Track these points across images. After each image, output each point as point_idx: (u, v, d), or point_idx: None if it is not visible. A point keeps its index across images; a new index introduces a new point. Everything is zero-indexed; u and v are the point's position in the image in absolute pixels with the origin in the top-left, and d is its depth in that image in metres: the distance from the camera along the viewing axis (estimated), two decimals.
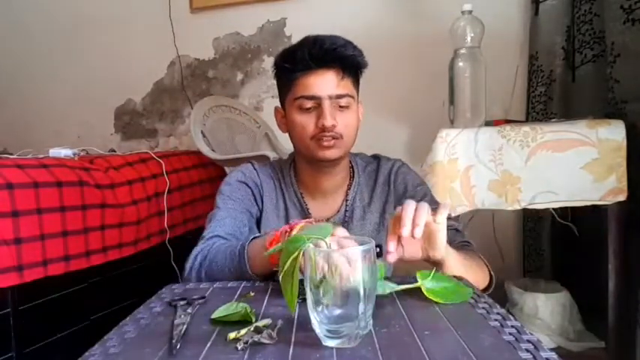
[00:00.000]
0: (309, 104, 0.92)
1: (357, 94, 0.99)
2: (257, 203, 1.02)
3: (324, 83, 0.91)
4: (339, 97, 0.92)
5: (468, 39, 1.38)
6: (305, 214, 1.01)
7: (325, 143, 0.91)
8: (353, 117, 0.95)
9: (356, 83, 0.97)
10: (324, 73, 0.91)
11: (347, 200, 1.02)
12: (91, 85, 2.30)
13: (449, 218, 0.95)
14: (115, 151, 1.87)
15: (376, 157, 1.07)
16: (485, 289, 0.87)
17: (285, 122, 0.99)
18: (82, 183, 1.29)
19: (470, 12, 1.38)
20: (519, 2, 1.79)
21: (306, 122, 0.93)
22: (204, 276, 0.88)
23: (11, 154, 1.50)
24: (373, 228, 1.01)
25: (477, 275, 0.85)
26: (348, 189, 1.03)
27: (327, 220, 1.01)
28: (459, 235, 0.94)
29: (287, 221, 1.02)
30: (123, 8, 2.23)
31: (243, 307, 0.64)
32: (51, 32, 2.33)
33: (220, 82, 2.17)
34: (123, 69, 2.26)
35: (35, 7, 2.35)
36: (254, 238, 0.85)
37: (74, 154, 1.47)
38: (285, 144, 1.77)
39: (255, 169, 1.04)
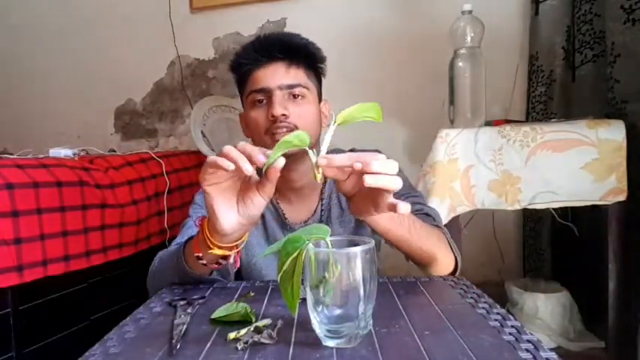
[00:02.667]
0: (260, 97, 0.90)
1: (319, 90, 0.98)
2: None
3: (272, 74, 0.90)
4: (290, 87, 0.90)
5: (468, 39, 1.38)
6: (281, 219, 0.99)
7: (278, 136, 0.88)
8: (309, 109, 0.92)
9: (312, 76, 0.95)
10: (272, 64, 0.90)
11: (322, 200, 0.99)
12: (91, 85, 2.30)
13: (418, 203, 0.93)
14: (115, 151, 1.87)
15: (352, 151, 1.02)
16: (451, 273, 0.86)
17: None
18: (82, 183, 1.29)
19: (470, 12, 1.38)
20: (519, 2, 1.79)
21: (259, 116, 0.91)
22: (155, 279, 0.88)
23: (11, 154, 1.50)
24: (355, 225, 0.98)
25: (431, 244, 0.81)
26: (323, 188, 0.99)
27: (305, 222, 0.99)
28: (430, 219, 0.90)
29: (265, 228, 1.01)
30: (123, 8, 2.23)
31: (243, 307, 0.64)
32: (50, 32, 2.33)
33: (220, 82, 2.17)
34: (123, 69, 2.25)
35: (35, 7, 2.35)
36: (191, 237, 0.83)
37: (74, 154, 1.47)
38: None
39: None
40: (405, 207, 0.62)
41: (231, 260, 0.75)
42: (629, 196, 1.19)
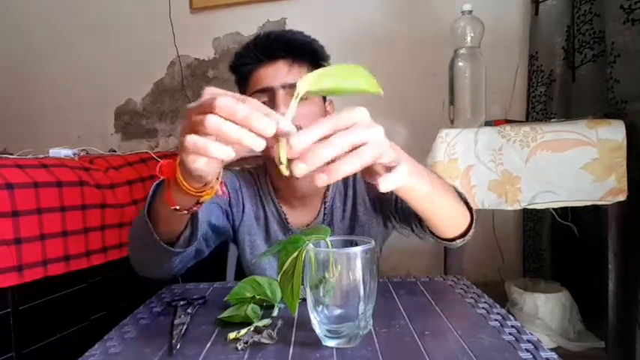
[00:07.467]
0: (263, 98, 0.86)
1: None
2: (231, 208, 0.99)
3: (275, 73, 0.87)
4: (294, 85, 0.82)
5: (468, 39, 1.38)
6: (283, 223, 0.99)
7: None
8: (313, 108, 0.89)
9: None
10: (274, 63, 0.87)
11: (325, 203, 0.98)
12: (92, 86, 2.30)
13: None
14: (115, 151, 1.87)
15: None
16: (465, 231, 0.80)
17: None
18: (82, 183, 1.29)
19: (470, 12, 1.38)
20: (519, 2, 1.79)
21: None
22: (132, 250, 0.78)
23: (11, 154, 1.50)
24: (358, 228, 0.98)
25: (449, 196, 0.73)
26: (327, 191, 0.98)
27: (306, 226, 0.98)
28: None
29: (267, 230, 1.00)
30: (123, 8, 2.23)
31: (254, 309, 0.64)
32: (50, 32, 2.33)
33: (220, 82, 2.17)
34: (123, 69, 2.25)
35: (35, 7, 2.35)
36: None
37: (74, 154, 1.47)
38: None
39: (235, 176, 1.01)
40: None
41: (219, 192, 0.62)
42: (629, 196, 1.19)
